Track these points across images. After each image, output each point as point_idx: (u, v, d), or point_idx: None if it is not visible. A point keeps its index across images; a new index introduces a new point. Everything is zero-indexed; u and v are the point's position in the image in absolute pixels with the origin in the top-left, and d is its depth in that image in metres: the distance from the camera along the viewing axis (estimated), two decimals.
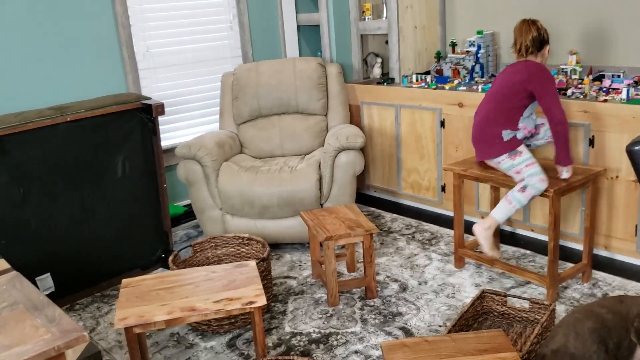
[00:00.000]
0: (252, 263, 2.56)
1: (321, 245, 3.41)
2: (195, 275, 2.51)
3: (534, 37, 3.06)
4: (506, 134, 3.09)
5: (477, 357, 2.00)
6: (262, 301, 2.26)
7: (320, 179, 3.70)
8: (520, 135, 3.12)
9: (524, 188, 3.01)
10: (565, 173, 3.03)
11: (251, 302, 2.26)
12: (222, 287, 2.38)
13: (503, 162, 3.10)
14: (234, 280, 2.43)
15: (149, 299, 2.31)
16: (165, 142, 4.22)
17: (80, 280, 3.41)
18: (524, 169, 3.02)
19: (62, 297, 3.32)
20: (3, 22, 3.51)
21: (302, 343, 2.83)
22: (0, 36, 3.52)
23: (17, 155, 3.07)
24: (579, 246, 3.50)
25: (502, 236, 3.79)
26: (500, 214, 3.12)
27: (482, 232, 3.16)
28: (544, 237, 3.68)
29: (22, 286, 1.52)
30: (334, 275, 3.08)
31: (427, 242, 3.86)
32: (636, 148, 1.88)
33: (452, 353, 2.03)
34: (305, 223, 3.31)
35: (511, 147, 3.08)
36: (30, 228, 3.17)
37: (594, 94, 3.42)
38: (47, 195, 3.20)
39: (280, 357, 2.17)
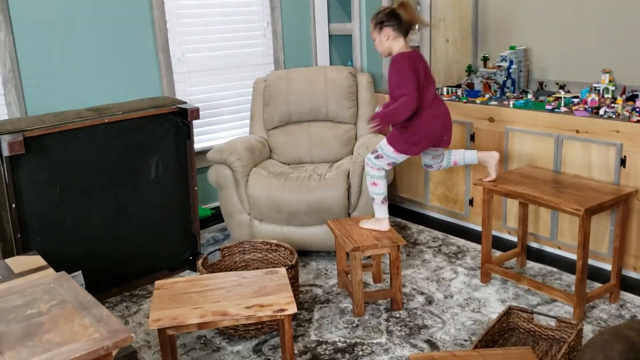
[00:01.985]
0: (283, 270, 2.60)
1: (347, 255, 3.43)
2: (226, 280, 2.55)
3: None
4: None
5: None
6: (292, 309, 2.29)
7: (348, 188, 3.73)
8: None
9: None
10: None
11: (282, 310, 2.29)
12: (253, 293, 2.42)
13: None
14: (264, 286, 2.47)
15: (182, 302, 2.36)
16: (197, 144, 4.27)
17: (111, 279, 3.47)
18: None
19: (92, 295, 3.38)
20: (45, 26, 3.61)
21: (327, 352, 2.86)
22: (42, 39, 3.61)
23: (56, 154, 3.14)
24: (607, 266, 3.48)
25: (529, 253, 3.79)
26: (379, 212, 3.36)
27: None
28: (571, 255, 3.66)
29: (70, 285, 1.57)
30: (360, 286, 3.11)
31: (454, 255, 3.86)
32: None
33: None
34: (332, 232, 3.35)
35: None
36: (66, 226, 3.24)
37: (627, 113, 3.41)
38: (82, 194, 3.27)
39: None
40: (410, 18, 3.22)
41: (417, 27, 3.28)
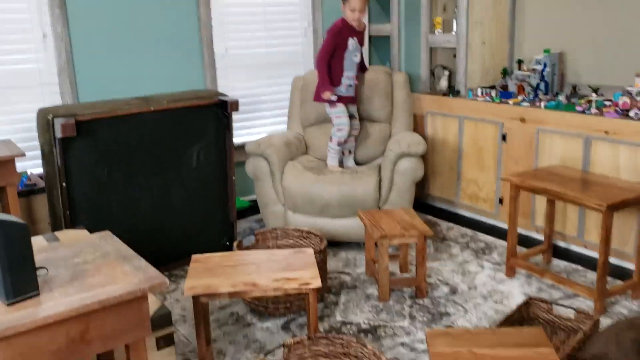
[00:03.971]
0: (310, 250, 2.75)
1: (376, 244, 3.56)
2: (257, 257, 2.72)
3: None
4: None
5: (514, 349, 2.11)
6: (317, 283, 2.44)
7: (380, 182, 3.85)
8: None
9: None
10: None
11: (307, 284, 2.44)
12: (281, 268, 2.58)
13: None
14: (292, 263, 2.62)
15: (215, 273, 2.53)
16: (237, 138, 4.48)
17: (152, 259, 3.64)
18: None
19: None
20: (98, 21, 3.87)
21: (351, 331, 2.99)
22: (95, 33, 3.88)
23: (105, 138, 3.36)
24: (633, 265, 3.52)
25: (556, 251, 3.85)
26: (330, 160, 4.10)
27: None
28: (597, 254, 3.69)
29: (113, 241, 1.75)
30: (386, 272, 3.23)
31: (481, 251, 3.95)
32: None
33: (492, 344, 2.15)
34: (362, 222, 3.48)
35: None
36: (111, 207, 3.46)
37: None
38: (128, 177, 3.49)
39: (330, 335, 2.34)
40: None
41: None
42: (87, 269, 1.59)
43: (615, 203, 2.99)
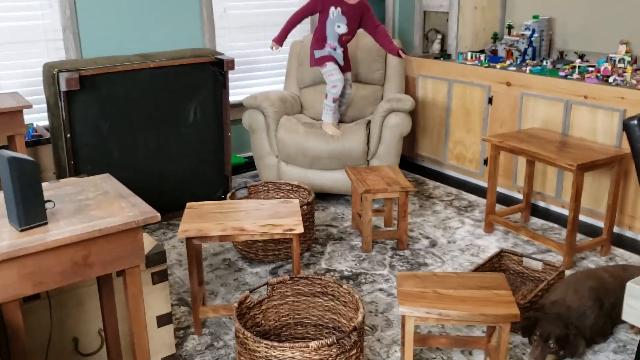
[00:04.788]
0: (296, 201, 2.95)
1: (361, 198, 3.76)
2: (247, 205, 2.92)
3: None
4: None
5: (475, 290, 2.33)
6: (300, 229, 2.65)
7: (368, 137, 4.04)
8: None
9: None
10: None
11: (291, 229, 2.65)
12: (268, 215, 2.79)
13: None
14: (278, 211, 2.83)
15: (207, 219, 2.74)
16: (235, 97, 4.65)
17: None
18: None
19: None
20: None
21: (334, 277, 3.22)
22: None
23: (106, 92, 3.54)
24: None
25: (535, 210, 4.05)
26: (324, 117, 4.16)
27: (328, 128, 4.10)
28: None
29: (112, 182, 1.95)
30: (369, 225, 3.45)
31: (464, 209, 4.16)
32: (633, 122, 2.13)
33: (455, 286, 2.36)
34: (349, 177, 3.68)
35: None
36: (112, 157, 3.66)
37: (635, 82, 3.61)
38: (128, 129, 3.68)
39: (310, 275, 2.56)
40: None
41: None
42: (89, 204, 1.79)
43: (586, 164, 3.18)
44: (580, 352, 2.51)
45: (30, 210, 1.62)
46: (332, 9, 3.95)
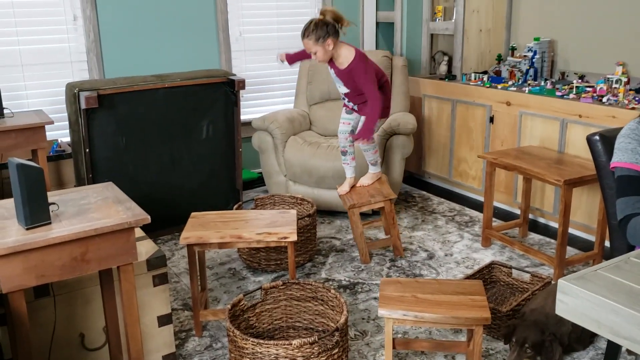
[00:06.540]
0: (293, 211, 3.14)
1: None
2: (247, 215, 3.12)
3: None
4: None
5: (452, 295, 2.47)
6: (293, 237, 2.83)
7: None
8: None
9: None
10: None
11: (285, 237, 2.84)
12: (266, 224, 2.98)
13: None
14: (276, 221, 3.02)
15: (208, 227, 2.95)
16: (248, 116, 4.89)
17: (164, 220, 4.12)
18: None
19: (148, 232, 4.04)
20: (125, 4, 4.31)
21: (332, 287, 3.38)
22: (121, 16, 4.31)
23: (124, 110, 3.80)
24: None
25: (535, 226, 4.17)
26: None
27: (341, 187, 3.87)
28: (571, 230, 4.02)
29: (113, 189, 2.17)
30: (362, 237, 3.61)
31: (464, 224, 4.29)
32: (594, 137, 2.27)
33: (434, 291, 2.52)
34: (339, 195, 3.83)
35: None
36: (128, 171, 3.91)
37: (627, 101, 3.73)
38: (144, 146, 3.93)
39: (301, 281, 2.74)
40: (341, 21, 3.48)
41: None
42: (89, 208, 2.01)
43: (573, 179, 3.31)
44: (556, 358, 2.62)
45: (36, 211, 1.84)
46: (329, 67, 3.67)
